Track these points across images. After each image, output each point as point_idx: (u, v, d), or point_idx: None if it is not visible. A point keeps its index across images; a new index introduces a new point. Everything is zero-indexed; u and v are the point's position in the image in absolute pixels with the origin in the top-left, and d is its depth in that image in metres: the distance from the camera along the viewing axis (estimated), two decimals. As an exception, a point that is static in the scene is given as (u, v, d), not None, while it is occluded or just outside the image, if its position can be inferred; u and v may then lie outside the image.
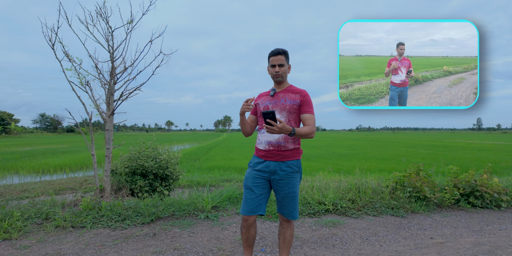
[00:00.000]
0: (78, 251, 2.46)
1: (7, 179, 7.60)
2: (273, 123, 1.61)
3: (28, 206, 3.45)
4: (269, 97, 1.95)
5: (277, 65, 1.88)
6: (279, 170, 1.86)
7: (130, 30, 4.02)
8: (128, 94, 4.11)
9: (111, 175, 4.24)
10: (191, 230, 3.02)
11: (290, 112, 1.88)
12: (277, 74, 1.90)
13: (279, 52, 1.88)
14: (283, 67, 1.89)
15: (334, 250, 2.59)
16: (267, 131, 1.66)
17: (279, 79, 1.92)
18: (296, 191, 1.90)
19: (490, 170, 4.22)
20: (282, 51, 1.89)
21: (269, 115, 1.61)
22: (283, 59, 1.89)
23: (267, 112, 1.62)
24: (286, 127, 1.63)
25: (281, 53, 1.88)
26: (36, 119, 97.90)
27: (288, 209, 1.90)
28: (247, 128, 1.98)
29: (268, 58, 1.94)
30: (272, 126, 1.62)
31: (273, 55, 1.89)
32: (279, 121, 1.63)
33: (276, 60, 1.88)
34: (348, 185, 4.24)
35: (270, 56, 1.91)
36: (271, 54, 1.90)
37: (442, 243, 2.76)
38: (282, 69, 1.89)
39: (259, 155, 1.95)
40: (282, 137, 1.87)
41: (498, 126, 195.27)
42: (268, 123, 1.63)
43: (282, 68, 1.89)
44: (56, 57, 3.80)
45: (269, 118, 1.62)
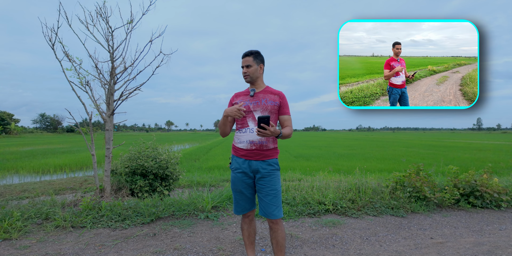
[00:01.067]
0: (78, 251, 2.46)
1: (7, 179, 7.60)
2: (267, 127, 1.69)
3: (28, 206, 3.45)
4: (249, 97, 1.98)
5: (244, 66, 1.97)
6: (260, 169, 1.92)
7: (130, 30, 4.02)
8: (128, 94, 4.11)
9: (111, 175, 4.24)
10: (191, 230, 3.02)
11: (271, 112, 1.93)
12: (245, 75, 1.98)
13: (247, 53, 1.97)
14: (249, 67, 1.97)
15: (334, 250, 2.59)
16: (259, 135, 1.73)
17: (248, 80, 2.00)
18: (277, 188, 1.93)
19: (490, 170, 4.22)
20: (250, 53, 1.97)
21: (264, 120, 1.68)
22: (251, 60, 1.96)
23: (262, 117, 1.69)
24: (276, 131, 1.74)
25: (249, 54, 1.97)
26: (36, 119, 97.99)
27: (271, 207, 1.90)
28: (228, 129, 2.03)
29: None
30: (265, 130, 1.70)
31: (242, 57, 1.99)
32: (270, 125, 1.70)
33: (244, 62, 1.97)
34: (348, 185, 4.24)
35: (242, 58, 2.00)
36: (242, 56, 2.00)
37: (442, 243, 2.76)
38: (249, 70, 1.97)
39: (239, 155, 1.97)
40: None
41: (498, 126, 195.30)
42: (261, 127, 1.69)
43: (249, 69, 1.97)
44: (56, 57, 3.80)
45: (264, 122, 1.69)
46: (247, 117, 1.94)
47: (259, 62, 1.98)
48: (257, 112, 1.92)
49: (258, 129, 1.71)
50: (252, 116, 1.93)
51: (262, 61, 2.01)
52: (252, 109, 1.93)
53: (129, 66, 4.09)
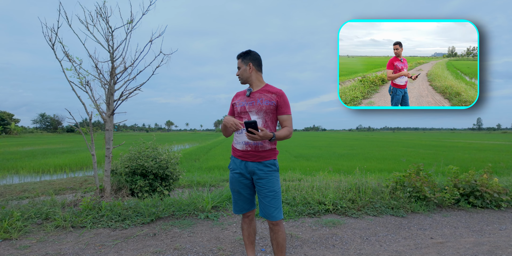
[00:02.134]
0: (78, 251, 2.46)
1: (7, 179, 7.60)
2: (255, 132, 1.67)
3: (28, 206, 3.45)
4: (246, 97, 1.95)
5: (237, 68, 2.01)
6: (256, 170, 1.89)
7: (130, 30, 4.02)
8: (128, 94, 4.11)
9: (111, 175, 4.24)
10: (191, 230, 3.02)
11: (266, 112, 1.89)
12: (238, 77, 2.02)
13: (237, 56, 2.01)
14: (239, 69, 1.99)
15: (334, 250, 2.59)
16: (249, 139, 1.72)
17: (240, 81, 2.02)
18: (276, 189, 1.89)
19: (490, 170, 4.21)
20: (238, 55, 2.00)
21: (251, 125, 1.67)
22: (239, 62, 1.98)
23: (249, 122, 1.66)
24: (267, 134, 1.71)
25: (238, 57, 2.00)
26: (36, 119, 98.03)
27: (270, 209, 1.87)
28: (229, 133, 2.01)
29: None
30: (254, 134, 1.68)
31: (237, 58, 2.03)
32: (260, 130, 1.69)
33: (237, 64, 2.01)
34: (348, 185, 4.24)
35: None
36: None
37: (442, 243, 2.76)
38: (239, 72, 1.99)
39: (236, 156, 1.97)
40: None
41: (498, 126, 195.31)
42: (250, 132, 1.68)
43: (239, 71, 1.99)
44: (56, 57, 3.80)
45: (251, 127, 1.67)
46: (243, 117, 1.92)
47: (247, 62, 1.95)
48: (252, 113, 1.89)
49: (247, 134, 1.69)
50: (248, 117, 1.91)
51: (251, 59, 1.95)
52: (248, 110, 1.90)
53: (129, 66, 4.09)
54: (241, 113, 1.93)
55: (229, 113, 2.08)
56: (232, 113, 2.05)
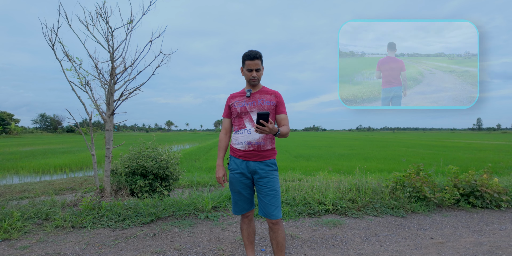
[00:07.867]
0: (78, 251, 2.46)
1: (7, 179, 7.60)
2: (266, 124, 1.66)
3: (28, 206, 3.45)
4: (245, 98, 1.94)
5: (254, 70, 1.88)
6: (258, 169, 1.90)
7: (130, 30, 4.01)
8: (128, 94, 4.11)
9: (111, 175, 4.23)
10: (191, 230, 3.02)
11: None
12: (253, 79, 1.90)
13: (256, 56, 1.85)
14: (259, 71, 1.90)
15: (334, 250, 2.59)
16: (257, 131, 1.69)
17: (255, 83, 1.93)
18: (276, 188, 1.92)
19: (490, 170, 4.21)
20: (259, 55, 1.87)
21: (264, 116, 1.66)
22: (259, 64, 1.88)
23: (262, 113, 1.66)
24: (275, 128, 1.71)
25: (258, 57, 1.86)
26: (36, 119, 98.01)
27: (270, 208, 1.89)
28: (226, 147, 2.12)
29: (243, 61, 1.92)
30: (263, 126, 1.67)
31: (249, 59, 1.86)
32: (270, 122, 1.67)
33: (253, 65, 1.86)
34: (348, 185, 4.24)
35: (246, 59, 1.87)
36: (248, 58, 1.86)
37: (442, 243, 2.76)
38: (259, 74, 1.90)
39: (236, 156, 1.97)
40: (262, 137, 1.90)
41: (498, 126, 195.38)
42: (260, 124, 1.67)
43: (258, 72, 1.90)
44: (56, 57, 3.80)
45: (263, 119, 1.66)
46: (244, 118, 1.93)
47: (262, 63, 1.94)
48: (253, 113, 1.90)
49: (256, 125, 1.67)
50: (249, 117, 1.92)
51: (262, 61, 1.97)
52: (249, 110, 1.91)
53: (129, 66, 4.09)
54: (241, 113, 1.94)
55: (224, 114, 2.07)
56: (228, 114, 2.05)
